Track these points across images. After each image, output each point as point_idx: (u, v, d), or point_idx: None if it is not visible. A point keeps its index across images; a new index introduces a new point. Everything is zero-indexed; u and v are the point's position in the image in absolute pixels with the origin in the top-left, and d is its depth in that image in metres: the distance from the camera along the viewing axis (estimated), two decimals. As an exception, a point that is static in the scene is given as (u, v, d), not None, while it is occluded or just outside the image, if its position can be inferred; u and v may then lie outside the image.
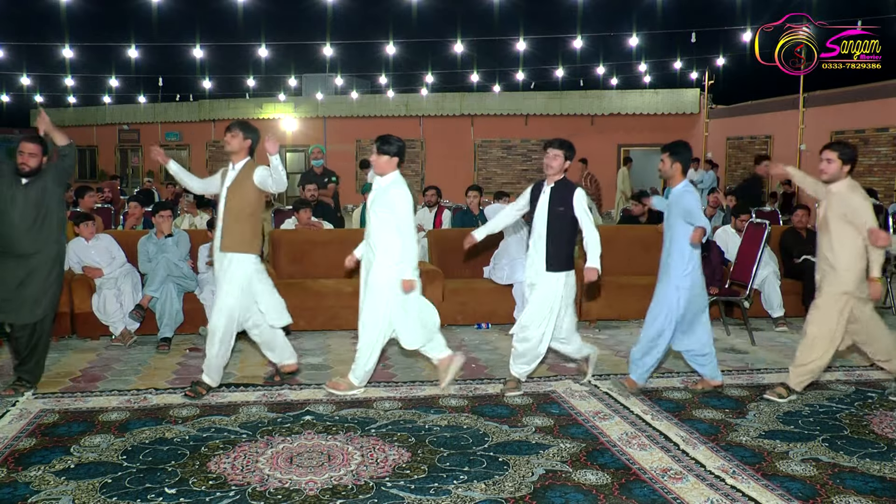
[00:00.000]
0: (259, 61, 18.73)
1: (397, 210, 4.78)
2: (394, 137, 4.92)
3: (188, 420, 4.44)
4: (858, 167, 14.54)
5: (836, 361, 5.88)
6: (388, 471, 3.72)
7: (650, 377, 5.38)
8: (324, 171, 9.36)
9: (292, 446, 4.04)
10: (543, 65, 21.26)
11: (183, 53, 18.14)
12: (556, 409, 4.71)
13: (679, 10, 19.48)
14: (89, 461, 3.81)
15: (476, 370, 5.63)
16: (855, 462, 3.88)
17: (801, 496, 3.47)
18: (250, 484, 3.55)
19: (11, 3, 21.99)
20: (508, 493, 3.47)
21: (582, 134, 21.34)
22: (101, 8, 21.49)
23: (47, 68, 21.56)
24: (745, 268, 6.64)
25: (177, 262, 6.30)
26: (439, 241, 7.73)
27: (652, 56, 20.03)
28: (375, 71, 22.27)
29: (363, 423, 4.39)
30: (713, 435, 4.25)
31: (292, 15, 26.11)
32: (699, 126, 20.72)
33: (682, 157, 4.90)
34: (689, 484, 3.60)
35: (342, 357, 5.93)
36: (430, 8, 15.39)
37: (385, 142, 4.89)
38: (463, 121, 22.16)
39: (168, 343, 6.17)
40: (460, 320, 6.92)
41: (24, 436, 4.16)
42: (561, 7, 20.05)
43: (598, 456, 3.93)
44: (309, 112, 23.51)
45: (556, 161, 4.91)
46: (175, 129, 24.85)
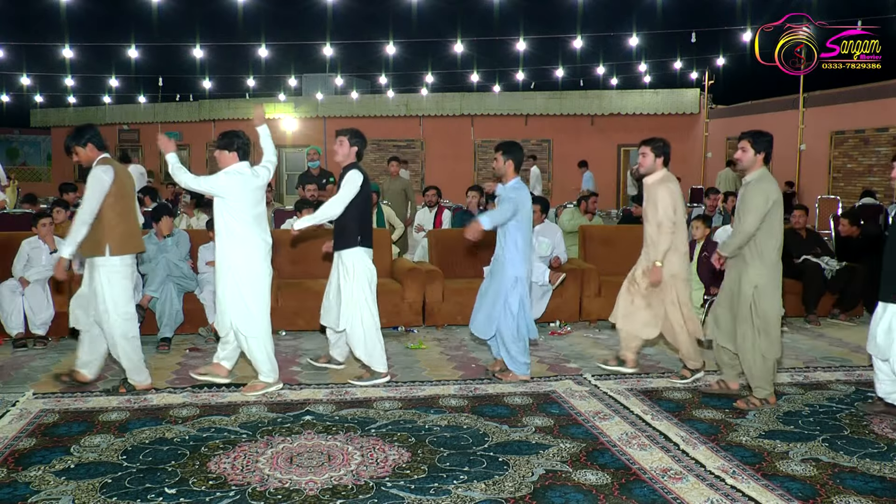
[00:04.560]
0: (259, 61, 18.75)
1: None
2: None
3: (188, 420, 4.44)
4: (858, 167, 14.68)
5: (836, 362, 5.89)
6: (388, 471, 3.72)
7: (647, 376, 5.38)
8: (321, 171, 9.36)
9: (292, 446, 4.04)
10: (543, 65, 21.28)
11: (183, 53, 18.16)
12: (556, 409, 4.71)
13: (679, 10, 19.49)
14: (89, 461, 3.81)
15: (476, 370, 5.63)
16: (855, 462, 3.88)
17: (801, 496, 3.46)
18: (250, 484, 3.55)
19: (11, 3, 22.00)
20: (508, 493, 3.47)
21: (582, 134, 21.39)
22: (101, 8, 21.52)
23: (47, 68, 21.58)
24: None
25: (177, 262, 6.30)
26: (439, 241, 7.73)
27: (652, 56, 20.06)
28: (375, 71, 22.29)
29: (363, 423, 4.39)
30: (713, 435, 4.25)
31: (292, 15, 26.11)
32: (699, 126, 20.73)
33: (515, 156, 5.27)
34: (689, 484, 3.60)
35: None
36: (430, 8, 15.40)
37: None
38: (463, 121, 22.16)
39: (168, 343, 6.17)
40: (460, 320, 6.92)
41: (24, 436, 4.16)
42: (561, 7, 20.09)
43: (598, 456, 3.93)
44: (309, 112, 23.51)
45: (342, 148, 5.24)
46: (175, 129, 24.83)
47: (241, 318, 4.90)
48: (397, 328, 6.92)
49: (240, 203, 4.85)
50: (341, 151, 5.23)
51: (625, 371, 5.41)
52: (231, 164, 4.93)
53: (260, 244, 4.93)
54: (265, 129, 5.14)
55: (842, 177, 15.20)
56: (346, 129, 5.37)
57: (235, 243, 4.86)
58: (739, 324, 4.76)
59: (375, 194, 8.75)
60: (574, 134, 21.18)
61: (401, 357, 5.98)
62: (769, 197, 4.61)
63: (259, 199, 4.94)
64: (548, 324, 7.13)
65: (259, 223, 4.93)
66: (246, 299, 4.88)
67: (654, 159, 5.18)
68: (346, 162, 5.26)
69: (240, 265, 4.87)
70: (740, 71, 18.78)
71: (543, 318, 7.07)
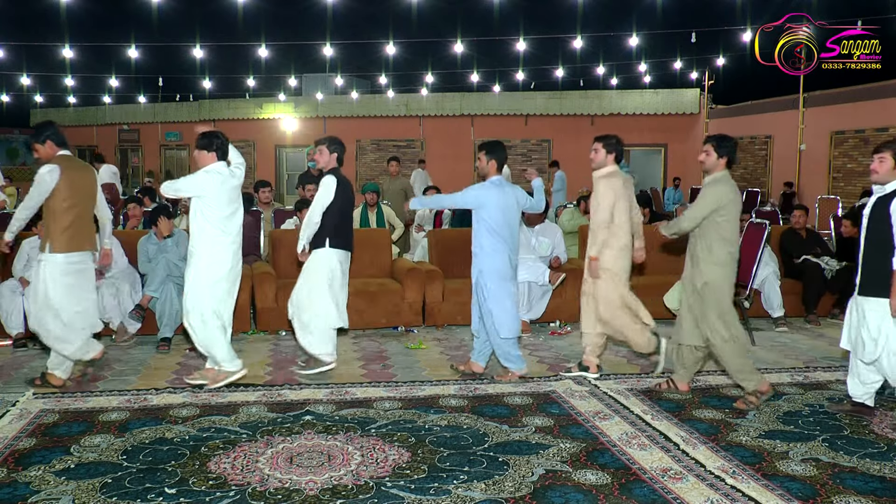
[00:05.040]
0: (259, 61, 18.75)
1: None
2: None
3: (188, 420, 4.44)
4: (858, 167, 14.67)
5: (836, 361, 5.89)
6: (388, 471, 3.72)
7: (646, 376, 5.38)
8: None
9: (292, 446, 4.04)
10: (543, 65, 21.28)
11: (183, 53, 18.16)
12: (556, 409, 4.71)
13: (679, 10, 19.49)
14: (89, 461, 3.81)
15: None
16: (855, 462, 3.87)
17: (801, 496, 3.46)
18: (250, 484, 3.55)
19: (11, 3, 22.00)
20: (508, 493, 3.47)
21: (582, 134, 21.37)
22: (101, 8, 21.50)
23: (47, 68, 21.59)
24: (746, 268, 6.63)
25: (177, 262, 6.30)
26: (439, 241, 7.73)
27: (652, 56, 20.06)
28: (375, 71, 22.29)
29: (363, 423, 4.39)
30: (713, 435, 4.25)
31: (292, 15, 26.12)
32: (699, 126, 20.72)
33: (498, 156, 5.32)
34: (689, 484, 3.60)
35: (343, 357, 5.92)
36: (430, 8, 15.41)
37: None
38: (463, 121, 22.16)
39: (168, 343, 6.17)
40: (460, 320, 6.92)
41: (25, 436, 4.16)
42: (561, 7, 20.08)
43: (598, 456, 3.93)
44: (309, 112, 23.51)
45: (322, 157, 5.49)
46: (175, 129, 24.84)
47: (192, 302, 5.00)
48: (397, 328, 6.92)
49: (216, 201, 4.96)
50: (322, 160, 5.48)
51: (590, 376, 5.42)
52: (210, 164, 5.01)
53: (228, 243, 5.04)
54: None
55: (842, 177, 15.19)
56: (325, 137, 5.60)
57: (205, 241, 4.96)
58: (701, 322, 4.83)
59: (375, 194, 8.75)
60: (574, 134, 21.15)
61: (401, 357, 5.98)
62: (720, 199, 4.73)
63: (234, 198, 5.07)
64: (548, 324, 7.13)
65: (231, 221, 5.05)
66: (201, 289, 4.98)
67: (605, 155, 5.29)
68: (329, 168, 5.48)
69: (205, 264, 4.97)
70: (740, 71, 18.78)
71: (543, 318, 7.08)
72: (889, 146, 4.52)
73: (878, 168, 4.52)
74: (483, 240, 5.23)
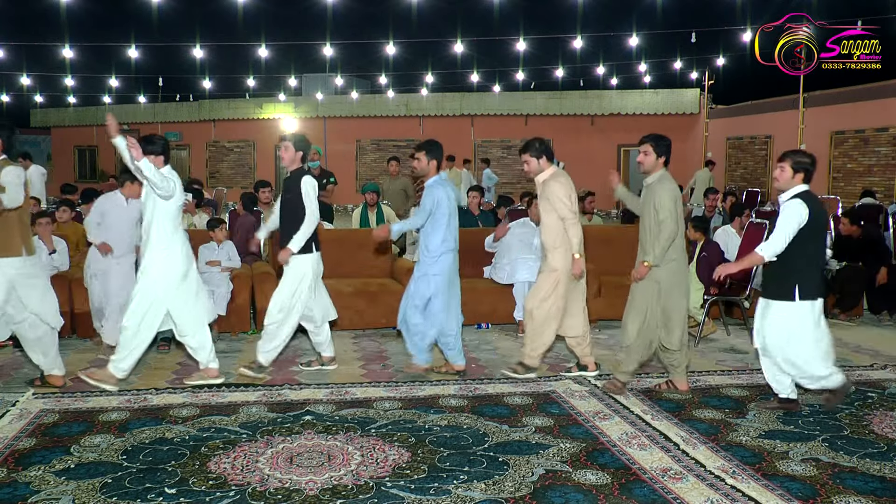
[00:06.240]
0: (259, 61, 18.77)
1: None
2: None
3: (188, 420, 4.44)
4: (858, 167, 14.68)
5: (836, 362, 5.87)
6: (388, 471, 3.72)
7: (647, 376, 5.38)
8: (321, 171, 9.36)
9: (292, 446, 4.04)
10: (543, 65, 21.29)
11: (183, 53, 18.17)
12: (556, 409, 4.71)
13: (679, 10, 19.49)
14: (89, 461, 3.81)
15: (476, 370, 5.63)
16: (855, 462, 3.88)
17: (801, 496, 3.47)
18: (250, 484, 3.56)
19: (11, 3, 22.01)
20: (508, 493, 3.47)
21: (582, 134, 21.39)
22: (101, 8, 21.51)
23: (47, 68, 21.59)
24: (746, 268, 6.63)
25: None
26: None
27: (652, 56, 20.06)
28: (375, 71, 22.31)
29: (363, 423, 4.39)
30: (713, 435, 4.25)
31: (292, 15, 26.13)
32: (699, 126, 20.72)
33: (437, 155, 5.41)
34: (689, 484, 3.60)
35: (342, 357, 5.93)
36: (430, 8, 15.42)
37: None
38: (463, 121, 22.17)
39: (168, 343, 6.16)
40: (460, 320, 6.91)
41: (25, 436, 4.16)
42: (561, 7, 20.07)
43: (598, 456, 3.93)
44: (309, 112, 23.52)
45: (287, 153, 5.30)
46: (175, 129, 24.84)
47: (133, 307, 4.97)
48: (397, 328, 6.91)
49: (174, 204, 4.98)
50: (287, 156, 5.29)
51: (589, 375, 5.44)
52: (161, 168, 4.93)
53: (182, 244, 5.07)
54: (121, 141, 4.87)
55: (842, 177, 15.19)
56: (292, 133, 5.51)
57: (163, 242, 4.95)
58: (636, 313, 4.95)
59: (375, 194, 8.75)
60: (574, 134, 21.17)
61: (401, 357, 5.98)
62: (675, 195, 4.82)
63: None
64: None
65: (179, 223, 5.13)
66: (147, 296, 4.95)
67: (537, 162, 5.36)
68: (293, 167, 5.31)
69: (161, 268, 4.96)
70: (740, 71, 18.78)
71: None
72: (789, 156, 4.55)
73: (779, 176, 4.56)
74: (431, 245, 5.29)
